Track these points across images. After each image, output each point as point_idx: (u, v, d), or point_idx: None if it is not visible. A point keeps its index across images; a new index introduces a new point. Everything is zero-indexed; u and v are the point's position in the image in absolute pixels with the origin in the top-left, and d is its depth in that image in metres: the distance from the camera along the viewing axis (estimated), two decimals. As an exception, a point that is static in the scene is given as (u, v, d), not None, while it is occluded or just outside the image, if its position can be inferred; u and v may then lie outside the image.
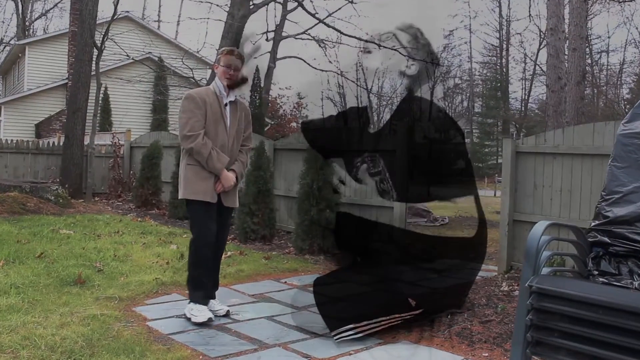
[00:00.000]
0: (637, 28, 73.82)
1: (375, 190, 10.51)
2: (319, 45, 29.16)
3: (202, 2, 24.61)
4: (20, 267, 8.30)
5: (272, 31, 28.86)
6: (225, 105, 6.57)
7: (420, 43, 7.65)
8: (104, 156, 20.40)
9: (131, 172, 19.65)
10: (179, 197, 6.67)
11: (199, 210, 6.47)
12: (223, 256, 9.77)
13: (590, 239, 4.91)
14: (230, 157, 6.55)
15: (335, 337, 5.91)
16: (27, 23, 58.18)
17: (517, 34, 78.48)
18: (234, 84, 6.60)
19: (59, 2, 59.56)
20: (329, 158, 10.05)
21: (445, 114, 9.03)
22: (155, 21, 51.50)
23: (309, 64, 30.73)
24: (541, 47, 60.83)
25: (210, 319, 6.36)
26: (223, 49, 6.73)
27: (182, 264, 8.96)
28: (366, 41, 28.68)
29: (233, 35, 21.98)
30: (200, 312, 6.39)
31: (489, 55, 73.99)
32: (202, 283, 6.52)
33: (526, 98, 69.05)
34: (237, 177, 6.61)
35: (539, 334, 4.13)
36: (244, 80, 6.72)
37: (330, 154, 9.40)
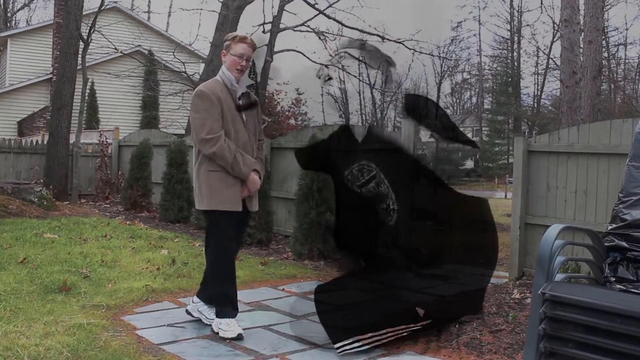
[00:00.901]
0: (656, 19, 73.86)
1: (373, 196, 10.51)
2: (319, 38, 29.18)
3: (195, -9, 24.65)
4: (1, 273, 8.30)
5: (269, 23, 28.82)
6: (239, 98, 6.32)
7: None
8: (90, 155, 20.39)
9: (119, 172, 19.64)
10: (202, 209, 6.35)
11: (226, 221, 6.23)
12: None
13: (606, 244, 4.91)
14: (252, 157, 6.34)
15: (338, 350, 5.88)
16: (9, 14, 58.27)
17: (529, 25, 78.71)
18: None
19: (43, -8, 59.60)
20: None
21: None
22: (145, 12, 51.54)
23: (308, 58, 30.73)
24: (555, 39, 60.90)
25: (240, 335, 6.18)
26: (234, 34, 6.42)
27: (173, 270, 8.97)
28: (369, 33, 28.75)
29: (227, 27, 22.01)
30: (229, 327, 6.25)
31: (500, 49, 74.10)
32: (229, 297, 6.38)
33: (539, 94, 69.15)
34: (260, 178, 6.42)
35: (552, 344, 4.13)
36: (254, 104, 6.53)
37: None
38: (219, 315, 6.37)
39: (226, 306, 6.36)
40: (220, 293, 6.38)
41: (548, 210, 8.98)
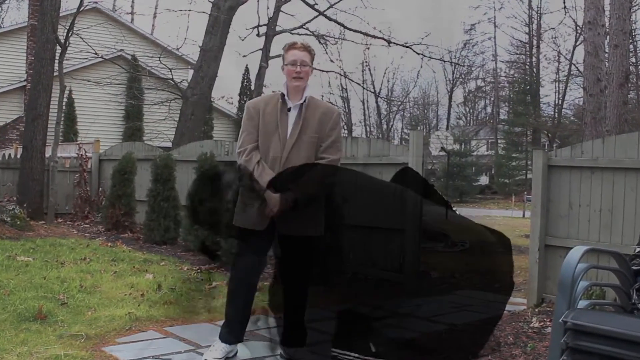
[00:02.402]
0: (688, 21, 73.96)
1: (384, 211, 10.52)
2: (319, 42, 29.26)
3: (182, -9, 24.73)
4: (-30, 299, 8.30)
5: (264, 25, 28.90)
6: (289, 110, 6.35)
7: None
8: (68, 171, 20.39)
9: (100, 189, 19.65)
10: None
11: (240, 239, 6.43)
12: (207, 287, 9.80)
13: (634, 267, 4.92)
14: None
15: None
16: (-22, 16, 58.30)
17: (550, 28, 78.79)
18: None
19: (16, -9, 59.73)
20: None
21: None
22: (128, 13, 51.50)
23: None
24: (577, 43, 61.07)
25: None
26: (285, 44, 6.52)
27: (159, 296, 8.97)
28: (374, 37, 28.84)
29: (218, 30, 22.07)
30: (213, 349, 6.39)
31: (517, 53, 74.26)
32: (227, 317, 6.51)
33: (560, 103, 69.26)
34: (297, 200, 6.11)
35: (575, 377, 4.14)
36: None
37: None
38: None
39: (223, 326, 6.50)
40: (225, 311, 6.58)
41: (570, 230, 9.00)
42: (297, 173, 6.12)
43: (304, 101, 6.32)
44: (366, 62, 70.74)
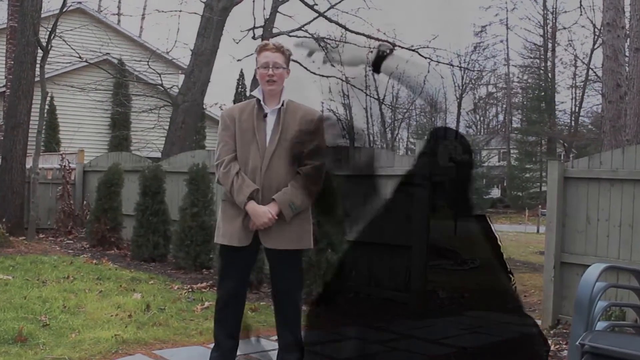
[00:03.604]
0: None
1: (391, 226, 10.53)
2: (319, 45, 29.26)
3: (172, -10, 24.78)
4: (-55, 321, 8.31)
5: (260, 27, 28.93)
6: (265, 116, 6.34)
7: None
8: (50, 183, 20.41)
9: (84, 202, 19.66)
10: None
11: (222, 255, 6.46)
12: (199, 307, 9.80)
13: (656, 286, 4.93)
14: (267, 184, 6.20)
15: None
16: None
17: (566, 29, 78.74)
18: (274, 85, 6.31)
19: (-6, -9, 59.80)
20: None
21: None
22: (114, 14, 51.53)
23: (305, 68, 30.79)
24: (595, 46, 61.05)
25: None
26: (257, 46, 6.51)
27: (147, 317, 8.98)
28: (378, 39, 28.86)
29: (211, 32, 22.10)
30: None
31: (531, 57, 74.31)
32: (217, 341, 6.52)
33: (577, 110, 69.22)
34: (282, 211, 6.13)
35: (593, 404, 4.14)
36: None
37: None
38: None
39: (213, 350, 6.52)
40: None
41: (587, 246, 9.00)
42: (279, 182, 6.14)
43: (282, 105, 6.33)
44: (369, 66, 70.85)
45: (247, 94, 33.17)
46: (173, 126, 22.21)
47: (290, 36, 29.11)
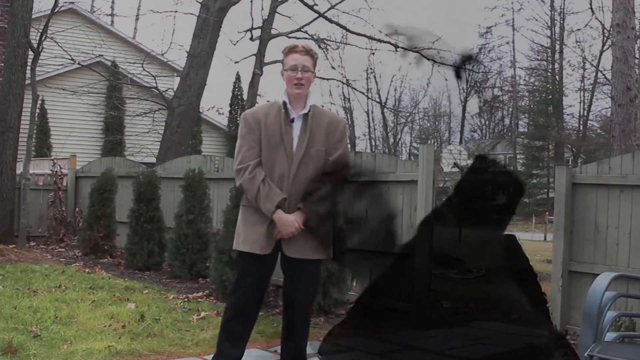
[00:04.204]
0: None
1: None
2: (319, 46, 29.29)
3: (168, -10, 24.78)
4: None
5: (258, 28, 29.00)
6: (292, 120, 6.30)
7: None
8: (41, 189, 20.39)
9: (77, 209, 19.64)
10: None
11: (242, 264, 6.42)
12: (195, 317, 9.80)
13: (667, 295, 4.93)
14: (294, 192, 6.19)
15: None
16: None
17: (575, 31, 78.61)
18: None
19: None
20: None
21: None
22: (107, 15, 51.54)
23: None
24: (605, 48, 61.07)
25: None
26: (285, 47, 6.47)
27: (142, 327, 8.97)
28: (380, 41, 28.89)
29: (208, 33, 22.12)
30: None
31: (538, 59, 74.38)
32: (220, 350, 6.51)
33: (585, 114, 69.27)
34: (308, 220, 6.15)
35: (602, 417, 4.14)
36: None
37: None
38: None
39: (214, 357, 6.53)
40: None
41: (596, 255, 9.00)
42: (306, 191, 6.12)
43: (309, 111, 6.28)
44: (371, 68, 71.06)
45: (244, 97, 33.10)
46: (168, 130, 22.22)
47: (289, 37, 29.19)
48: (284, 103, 6.27)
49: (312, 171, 6.21)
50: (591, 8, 58.14)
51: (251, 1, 28.83)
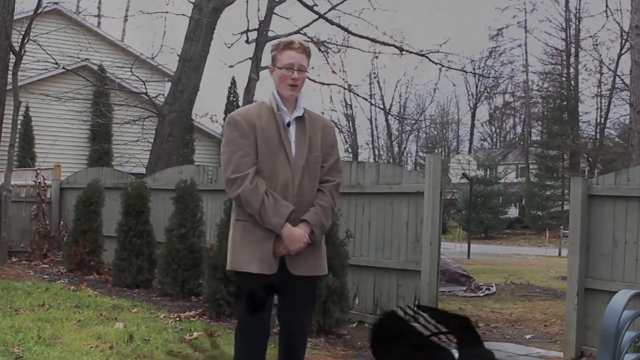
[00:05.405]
0: None
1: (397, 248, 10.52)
2: (319, 49, 29.34)
3: (158, -10, 24.82)
4: None
5: (254, 30, 29.01)
6: (288, 124, 6.01)
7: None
8: (24, 201, 20.39)
9: (61, 222, 19.65)
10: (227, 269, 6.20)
11: (246, 286, 5.90)
12: (187, 338, 9.79)
13: (690, 315, 4.94)
14: (298, 202, 5.91)
15: None
16: None
17: (591, 36, 78.68)
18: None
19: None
20: None
21: None
22: (94, 16, 51.67)
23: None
24: (623, 52, 61.14)
25: None
26: (278, 42, 6.17)
27: (130, 348, 8.97)
28: (384, 43, 28.94)
29: (201, 35, 22.15)
30: None
31: (552, 63, 74.39)
32: None
33: (602, 121, 69.27)
34: (312, 232, 5.89)
35: None
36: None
37: None
38: None
39: None
40: None
41: (614, 271, 8.99)
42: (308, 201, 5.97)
43: (304, 114, 6.05)
44: (374, 73, 71.08)
45: (240, 103, 33.11)
46: (159, 139, 22.22)
47: (287, 40, 29.13)
48: (277, 105, 5.98)
49: (314, 179, 6.01)
50: (607, 9, 58.21)
51: (247, 1, 28.88)
